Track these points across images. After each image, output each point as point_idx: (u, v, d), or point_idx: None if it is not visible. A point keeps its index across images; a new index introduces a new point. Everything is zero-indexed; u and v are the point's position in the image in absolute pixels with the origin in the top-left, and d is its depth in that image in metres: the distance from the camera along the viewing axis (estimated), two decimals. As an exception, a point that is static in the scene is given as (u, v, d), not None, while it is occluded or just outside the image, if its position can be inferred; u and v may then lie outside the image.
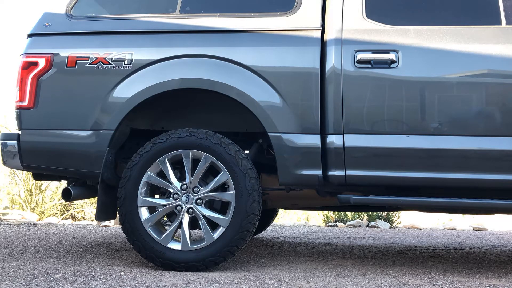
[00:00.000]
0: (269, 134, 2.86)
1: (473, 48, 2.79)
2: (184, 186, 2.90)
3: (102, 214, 3.02)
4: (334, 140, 2.82)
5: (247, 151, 3.20)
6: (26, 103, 3.03)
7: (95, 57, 3.01)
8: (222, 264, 2.91)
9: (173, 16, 3.10)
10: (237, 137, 3.11)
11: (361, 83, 2.84)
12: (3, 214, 6.58)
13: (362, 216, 7.00)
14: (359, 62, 2.83)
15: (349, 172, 2.82)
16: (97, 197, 3.00)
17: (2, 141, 3.14)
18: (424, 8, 3.00)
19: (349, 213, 7.08)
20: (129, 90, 2.97)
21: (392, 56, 2.81)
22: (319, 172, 2.84)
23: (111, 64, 2.99)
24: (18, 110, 3.07)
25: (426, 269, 3.10)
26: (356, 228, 6.23)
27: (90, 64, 3.01)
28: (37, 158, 3.08)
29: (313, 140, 2.84)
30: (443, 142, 2.77)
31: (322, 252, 3.84)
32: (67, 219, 6.85)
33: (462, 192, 2.90)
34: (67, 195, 3.09)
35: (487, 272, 3.06)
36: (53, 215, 7.00)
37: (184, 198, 2.89)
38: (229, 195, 2.86)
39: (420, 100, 2.80)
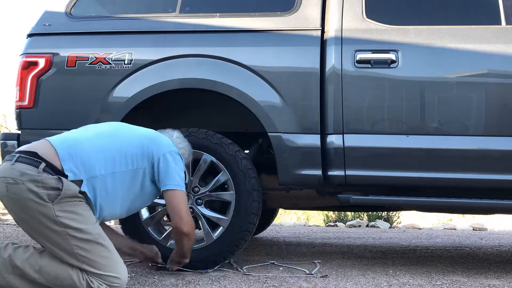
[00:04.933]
0: (269, 134, 2.86)
1: (473, 48, 2.78)
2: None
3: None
4: (334, 140, 2.82)
5: (247, 151, 3.20)
6: (26, 103, 3.03)
7: (95, 57, 3.01)
8: (222, 264, 2.90)
9: (173, 16, 3.10)
10: (237, 137, 3.10)
11: (361, 83, 2.84)
12: (3, 214, 6.57)
13: (362, 216, 7.00)
14: (359, 62, 2.82)
15: (349, 172, 2.82)
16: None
17: (2, 141, 3.13)
18: (424, 8, 3.00)
19: (349, 213, 7.08)
20: (129, 90, 2.96)
21: (392, 56, 2.80)
22: (319, 172, 2.84)
23: (111, 64, 2.99)
24: (18, 110, 3.07)
25: (426, 269, 3.10)
26: (356, 228, 6.24)
27: (90, 64, 3.01)
28: (37, 158, 3.07)
29: (313, 140, 2.84)
30: (443, 142, 2.77)
31: (322, 252, 3.84)
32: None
33: (462, 192, 2.90)
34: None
35: (487, 272, 3.06)
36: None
37: (184, 198, 2.89)
38: (229, 195, 2.86)
39: (420, 100, 2.80)
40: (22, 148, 2.31)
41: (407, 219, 7.12)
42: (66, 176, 2.19)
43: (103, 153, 2.32)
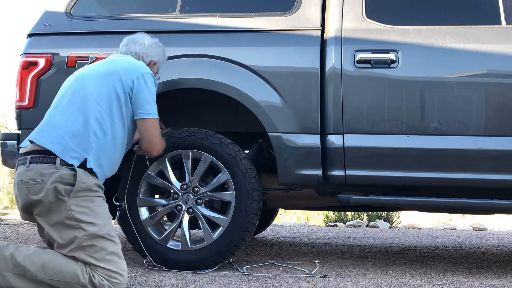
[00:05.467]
0: (269, 134, 2.86)
1: (473, 48, 2.78)
2: (184, 186, 2.90)
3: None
4: (334, 140, 2.82)
5: (247, 151, 3.20)
6: (26, 103, 3.03)
7: (95, 57, 3.01)
8: (222, 264, 2.90)
9: (173, 16, 3.10)
10: (237, 137, 3.11)
11: (361, 83, 2.84)
12: (3, 214, 6.59)
13: (362, 216, 7.00)
14: (359, 62, 2.82)
15: (349, 172, 2.82)
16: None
17: (2, 141, 3.13)
18: (424, 8, 3.00)
19: (349, 213, 7.08)
20: (129, 90, 2.95)
21: (392, 56, 2.80)
22: (319, 172, 2.84)
23: (111, 64, 2.98)
24: (18, 110, 3.07)
25: (426, 269, 3.10)
26: (356, 228, 6.24)
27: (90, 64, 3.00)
28: (37, 158, 3.07)
29: (313, 140, 2.84)
30: (443, 142, 2.77)
31: (322, 252, 3.84)
32: (67, 219, 6.84)
33: (462, 192, 2.90)
34: (66, 195, 3.07)
35: (487, 272, 3.06)
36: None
37: (184, 198, 2.89)
38: (229, 195, 2.86)
39: (420, 100, 2.80)
40: (26, 150, 2.32)
41: (407, 219, 7.12)
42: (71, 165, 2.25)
43: (85, 122, 2.35)
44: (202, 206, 2.89)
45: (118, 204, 2.87)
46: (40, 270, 2.18)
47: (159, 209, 2.92)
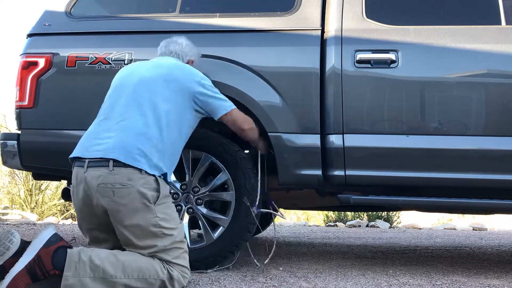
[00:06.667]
0: (269, 134, 2.86)
1: (473, 48, 2.79)
2: (184, 186, 2.90)
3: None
4: (334, 140, 2.82)
5: (247, 151, 3.20)
6: (26, 103, 3.03)
7: (95, 57, 3.01)
8: (222, 264, 2.90)
9: (173, 16, 3.10)
10: (237, 137, 3.10)
11: (361, 83, 2.84)
12: (3, 214, 6.59)
13: (362, 216, 7.01)
14: (359, 62, 2.83)
15: (349, 172, 2.82)
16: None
17: (2, 141, 3.13)
18: (424, 8, 3.00)
19: (349, 213, 7.09)
20: (129, 90, 2.96)
21: (392, 56, 2.81)
22: (319, 172, 2.84)
23: (111, 64, 2.99)
24: (18, 110, 3.07)
25: (426, 269, 3.10)
26: (356, 228, 6.24)
27: (90, 64, 3.01)
28: (37, 158, 3.08)
29: (313, 140, 2.84)
30: (443, 142, 2.77)
31: (322, 252, 3.84)
32: (67, 219, 6.86)
33: (462, 192, 2.90)
34: (67, 195, 3.08)
35: (487, 272, 3.06)
36: (53, 215, 7.01)
37: (184, 198, 2.89)
38: (229, 195, 2.86)
39: (420, 100, 2.80)
40: (100, 155, 2.30)
41: (407, 219, 7.13)
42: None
43: (150, 138, 2.38)
44: (202, 206, 2.89)
45: None
46: (119, 270, 2.22)
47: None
